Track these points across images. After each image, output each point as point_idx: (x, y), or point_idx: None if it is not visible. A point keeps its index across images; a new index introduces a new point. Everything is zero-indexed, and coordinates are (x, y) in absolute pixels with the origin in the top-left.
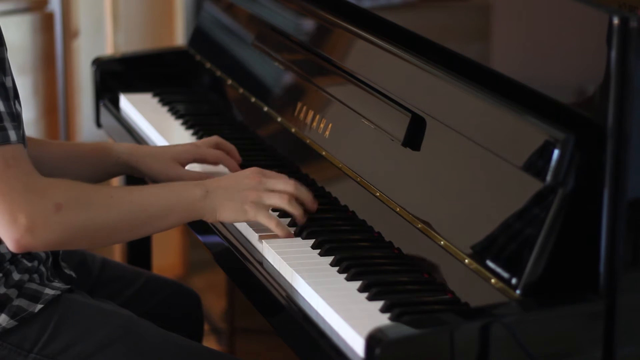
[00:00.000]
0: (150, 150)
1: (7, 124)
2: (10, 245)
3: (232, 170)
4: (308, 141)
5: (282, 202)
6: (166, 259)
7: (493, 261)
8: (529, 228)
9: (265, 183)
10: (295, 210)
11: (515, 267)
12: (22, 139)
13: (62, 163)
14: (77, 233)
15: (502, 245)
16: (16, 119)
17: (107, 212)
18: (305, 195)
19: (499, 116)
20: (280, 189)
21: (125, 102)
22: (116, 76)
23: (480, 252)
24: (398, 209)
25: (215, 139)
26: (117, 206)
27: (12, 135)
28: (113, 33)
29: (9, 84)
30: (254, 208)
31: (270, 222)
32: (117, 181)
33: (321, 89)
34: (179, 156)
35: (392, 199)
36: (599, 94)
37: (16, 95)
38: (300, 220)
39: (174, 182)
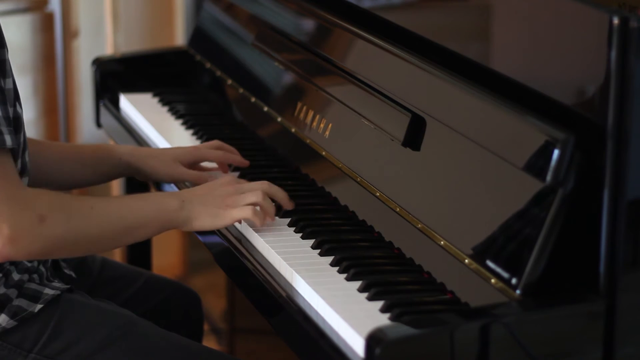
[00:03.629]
0: (151, 152)
1: (3, 128)
2: None
3: (238, 165)
4: (308, 141)
5: (257, 198)
6: (166, 259)
7: (493, 261)
8: (529, 228)
9: (240, 188)
10: (259, 219)
11: (515, 267)
12: (17, 142)
13: (63, 165)
14: (58, 244)
15: (502, 245)
16: (12, 123)
17: (87, 223)
18: (280, 194)
19: (499, 116)
20: (254, 188)
21: (125, 102)
22: (116, 76)
23: (480, 252)
24: (398, 209)
25: (216, 142)
26: (97, 217)
27: (8, 140)
28: (113, 33)
29: (8, 85)
30: (229, 209)
31: (245, 213)
32: (117, 187)
33: (321, 89)
34: (179, 157)
35: (392, 199)
36: (599, 94)
37: (17, 97)
38: (260, 225)
39: (152, 193)
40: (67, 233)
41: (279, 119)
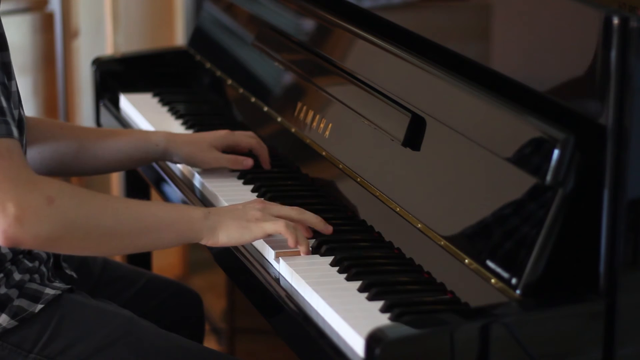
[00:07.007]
0: (187, 138)
1: (8, 118)
2: None
3: (263, 159)
4: (308, 141)
5: (292, 213)
6: (166, 259)
7: (493, 261)
8: (529, 228)
9: (269, 208)
10: (291, 235)
11: (515, 267)
12: (21, 142)
13: (97, 149)
14: (67, 230)
15: (502, 245)
16: (16, 120)
17: (101, 214)
18: (314, 219)
19: (499, 116)
20: (284, 214)
21: (125, 102)
22: (116, 76)
23: (480, 252)
24: (398, 209)
25: (251, 133)
26: (112, 210)
27: (14, 130)
28: (113, 33)
29: (13, 88)
30: (259, 223)
31: (277, 225)
32: (116, 185)
33: (321, 89)
34: (215, 142)
35: (392, 199)
36: (599, 94)
37: (20, 101)
38: (293, 245)
39: (176, 203)
40: (78, 218)
41: (279, 119)
